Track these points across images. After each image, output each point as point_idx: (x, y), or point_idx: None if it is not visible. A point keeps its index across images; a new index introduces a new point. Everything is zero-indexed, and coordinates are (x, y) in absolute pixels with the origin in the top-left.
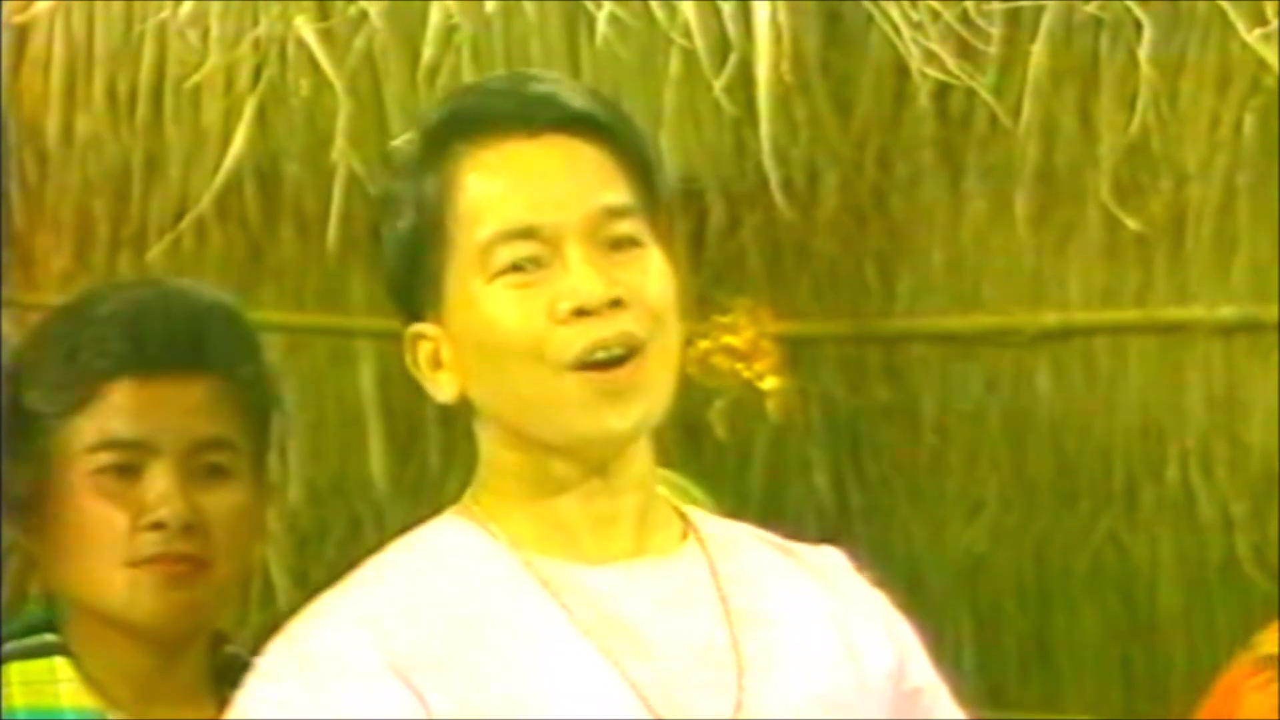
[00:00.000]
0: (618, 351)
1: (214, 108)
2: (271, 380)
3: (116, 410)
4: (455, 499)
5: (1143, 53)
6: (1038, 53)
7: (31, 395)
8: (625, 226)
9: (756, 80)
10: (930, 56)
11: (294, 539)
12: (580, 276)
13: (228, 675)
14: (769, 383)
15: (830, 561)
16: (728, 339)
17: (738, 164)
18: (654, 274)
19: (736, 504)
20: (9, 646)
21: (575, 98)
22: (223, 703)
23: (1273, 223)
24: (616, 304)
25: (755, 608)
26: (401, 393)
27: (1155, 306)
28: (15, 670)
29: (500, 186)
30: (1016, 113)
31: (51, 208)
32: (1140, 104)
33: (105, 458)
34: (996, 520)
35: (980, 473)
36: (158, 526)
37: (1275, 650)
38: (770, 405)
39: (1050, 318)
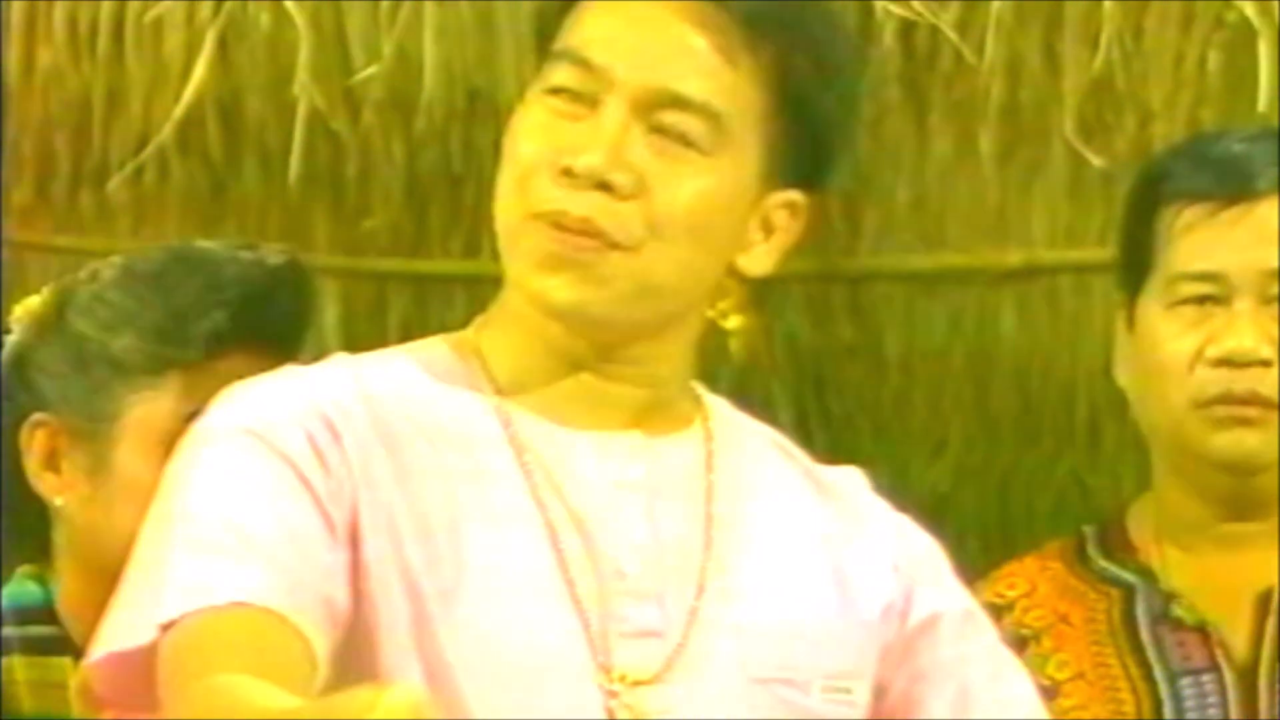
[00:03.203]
0: (570, 225)
1: (175, 40)
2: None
3: (217, 379)
4: None
5: None
6: None
7: (115, 347)
8: (683, 122)
9: None
10: None
11: None
12: (592, 135)
13: None
14: (732, 321)
15: (846, 483)
16: None
17: None
18: (685, 186)
19: None
20: (8, 632)
21: None
22: None
23: None
24: (604, 187)
25: (737, 514)
26: (365, 332)
27: None
28: (20, 666)
29: (600, 17)
30: (981, 50)
31: (12, 142)
32: (1104, 40)
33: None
34: (960, 459)
35: (944, 411)
36: None
37: (994, 599)
38: (733, 344)
39: (1015, 256)
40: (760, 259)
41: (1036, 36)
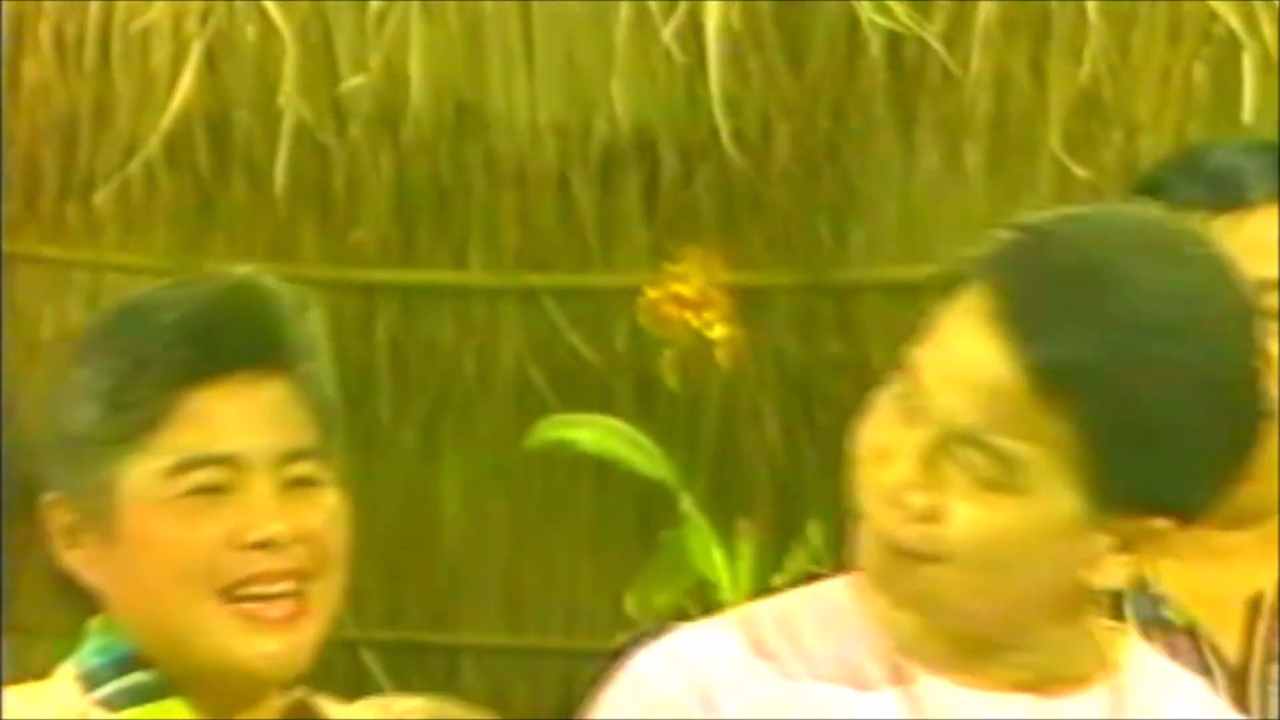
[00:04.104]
0: (871, 535)
1: (162, 53)
2: (328, 378)
3: (199, 423)
4: (406, 451)
5: (1092, 3)
6: (987, 3)
7: (83, 422)
8: (979, 458)
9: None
10: (881, 7)
11: None
12: (904, 455)
13: None
14: (717, 331)
15: None
16: (677, 288)
17: (690, 114)
18: (977, 522)
19: (688, 454)
20: (106, 691)
21: None
22: None
23: None
24: (901, 502)
25: None
26: (352, 344)
27: None
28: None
29: (942, 328)
30: (967, 63)
31: None
32: (1090, 54)
33: (193, 479)
34: None
35: None
36: (262, 545)
37: None
38: (719, 354)
39: None
40: (1115, 575)
41: (1023, 50)
